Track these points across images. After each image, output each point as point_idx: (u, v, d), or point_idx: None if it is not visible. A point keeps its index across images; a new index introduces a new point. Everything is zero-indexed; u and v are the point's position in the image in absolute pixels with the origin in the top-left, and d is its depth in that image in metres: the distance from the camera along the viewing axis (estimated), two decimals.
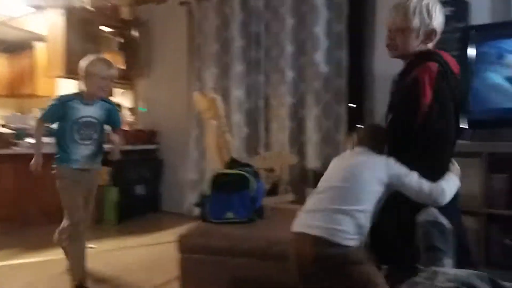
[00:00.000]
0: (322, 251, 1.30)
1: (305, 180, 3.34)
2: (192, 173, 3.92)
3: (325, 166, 3.34)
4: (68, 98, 2.29)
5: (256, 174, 2.41)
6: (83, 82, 2.28)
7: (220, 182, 2.26)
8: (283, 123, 3.47)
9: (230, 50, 3.67)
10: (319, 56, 3.25)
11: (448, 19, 2.67)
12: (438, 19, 1.58)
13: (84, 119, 2.28)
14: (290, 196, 3.11)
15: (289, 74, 3.43)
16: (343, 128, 3.20)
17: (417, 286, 0.81)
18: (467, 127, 2.33)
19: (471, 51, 2.49)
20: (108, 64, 2.31)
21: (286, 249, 1.43)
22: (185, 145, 3.97)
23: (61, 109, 2.26)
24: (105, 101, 2.39)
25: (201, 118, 3.50)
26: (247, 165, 2.50)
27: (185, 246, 2.06)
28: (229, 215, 2.17)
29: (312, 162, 3.32)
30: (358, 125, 1.65)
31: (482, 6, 2.65)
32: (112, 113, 2.43)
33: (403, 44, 1.58)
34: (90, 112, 2.30)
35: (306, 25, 3.34)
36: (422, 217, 1.36)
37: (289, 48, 3.41)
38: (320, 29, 3.24)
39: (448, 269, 1.04)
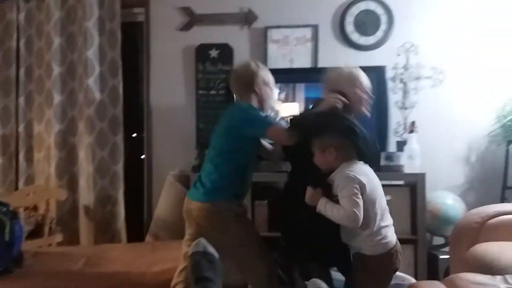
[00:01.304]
0: None
1: (76, 217, 3.04)
2: None
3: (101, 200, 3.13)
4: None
5: (13, 214, 2.13)
6: None
7: None
8: (49, 152, 3.10)
9: None
10: (92, 82, 3.07)
11: (215, 61, 3.04)
12: None
13: None
14: (57, 237, 2.79)
15: (57, 98, 3.11)
16: (120, 158, 3.09)
17: None
18: None
19: None
20: None
21: None
22: None
23: None
24: None
25: None
26: (1, 203, 2.16)
27: None
28: None
29: (85, 195, 3.06)
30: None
31: (243, 52, 3.05)
32: None
33: None
34: None
35: (76, 47, 3.12)
36: (192, 248, 1.43)
37: (56, 69, 3.11)
38: (92, 53, 3.07)
39: None
